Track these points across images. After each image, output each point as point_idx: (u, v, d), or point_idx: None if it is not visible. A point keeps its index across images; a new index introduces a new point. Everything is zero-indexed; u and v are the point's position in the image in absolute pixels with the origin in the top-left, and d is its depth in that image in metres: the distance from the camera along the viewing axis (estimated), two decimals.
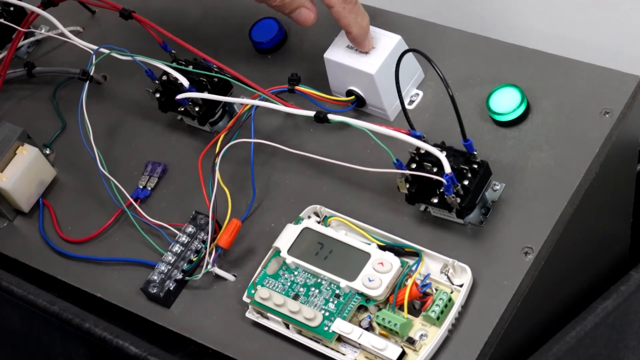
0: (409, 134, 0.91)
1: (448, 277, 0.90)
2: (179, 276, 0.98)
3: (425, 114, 1.01)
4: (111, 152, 1.07)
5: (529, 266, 0.89)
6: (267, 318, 0.93)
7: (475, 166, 0.90)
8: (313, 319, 0.90)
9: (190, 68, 1.03)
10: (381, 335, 0.89)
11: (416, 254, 0.92)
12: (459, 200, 0.90)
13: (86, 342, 1.11)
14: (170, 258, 0.99)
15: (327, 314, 0.90)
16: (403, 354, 0.88)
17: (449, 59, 1.02)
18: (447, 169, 0.88)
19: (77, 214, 1.07)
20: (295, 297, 0.92)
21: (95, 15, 1.20)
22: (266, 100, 1.00)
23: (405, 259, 0.91)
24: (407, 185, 0.92)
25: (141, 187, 1.05)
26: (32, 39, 1.19)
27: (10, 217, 1.08)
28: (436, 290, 0.90)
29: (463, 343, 0.88)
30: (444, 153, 0.89)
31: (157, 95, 1.05)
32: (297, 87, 1.02)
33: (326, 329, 0.90)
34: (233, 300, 0.96)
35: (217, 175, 0.98)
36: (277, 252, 0.94)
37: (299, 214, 0.96)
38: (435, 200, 0.91)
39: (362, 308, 0.91)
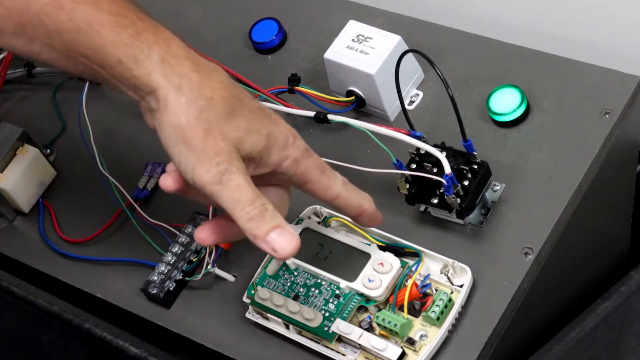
0: (409, 135, 0.91)
1: (448, 278, 0.90)
2: (179, 277, 0.98)
3: (425, 115, 1.01)
4: (111, 152, 1.07)
5: (529, 266, 0.89)
6: (267, 319, 0.93)
7: (475, 166, 0.90)
8: (313, 319, 0.90)
9: None
10: (381, 335, 0.89)
11: (416, 255, 0.92)
12: (459, 200, 0.90)
13: (86, 343, 1.11)
14: (170, 258, 0.99)
15: (327, 314, 0.90)
16: (403, 354, 0.88)
17: (449, 59, 1.02)
18: (447, 169, 0.88)
19: (77, 214, 1.07)
20: (295, 297, 0.92)
21: None
22: (266, 100, 1.01)
23: (405, 260, 0.91)
24: (407, 186, 0.92)
25: (141, 187, 1.05)
26: None
27: (10, 217, 1.08)
28: (436, 290, 0.90)
29: (463, 343, 0.88)
30: (444, 153, 0.89)
31: None
32: (297, 87, 1.02)
33: (326, 329, 0.90)
34: (233, 301, 0.96)
35: None
36: None
37: (299, 215, 0.96)
38: (435, 201, 0.91)
39: (362, 308, 0.91)
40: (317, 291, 0.92)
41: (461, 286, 0.89)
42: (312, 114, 0.99)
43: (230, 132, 0.79)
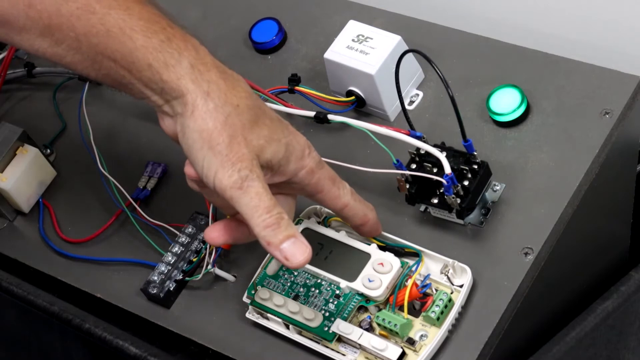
0: (409, 135, 0.91)
1: (448, 278, 0.90)
2: (179, 277, 0.98)
3: (425, 115, 1.01)
4: (111, 152, 1.07)
5: (529, 267, 0.89)
6: (267, 318, 0.93)
7: (475, 167, 0.90)
8: (313, 319, 0.90)
9: None
10: (381, 335, 0.89)
11: (416, 255, 0.92)
12: (459, 200, 0.90)
13: (86, 343, 1.11)
14: (170, 258, 0.99)
15: (327, 314, 0.90)
16: (403, 354, 0.88)
17: (449, 59, 1.02)
18: (447, 169, 0.88)
19: (77, 214, 1.07)
20: (295, 297, 0.92)
21: None
22: (266, 100, 1.00)
23: (405, 260, 0.91)
24: (407, 186, 0.92)
25: (141, 187, 1.04)
26: None
27: (10, 217, 1.08)
28: (436, 290, 0.90)
29: (463, 343, 0.88)
30: (444, 153, 0.89)
31: None
32: (297, 87, 1.02)
33: (326, 329, 0.90)
34: (233, 301, 0.96)
35: None
36: None
37: (299, 215, 0.96)
38: (435, 201, 0.91)
39: (362, 308, 0.91)
40: (317, 291, 0.92)
41: (461, 286, 0.89)
42: (312, 114, 0.99)
43: (253, 140, 0.82)
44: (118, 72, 0.82)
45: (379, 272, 0.90)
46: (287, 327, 0.92)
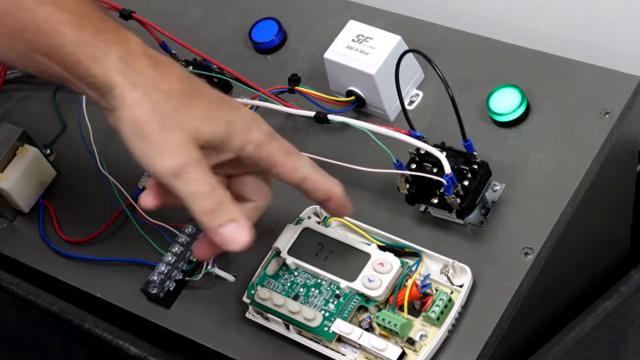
0: (409, 135, 0.91)
1: (448, 278, 0.90)
2: (179, 276, 0.98)
3: (425, 115, 1.01)
4: (111, 152, 1.07)
5: (529, 267, 0.89)
6: (267, 319, 0.93)
7: (475, 167, 0.91)
8: (313, 319, 0.90)
9: (190, 68, 1.03)
10: (381, 335, 0.89)
11: (416, 255, 0.92)
12: (459, 200, 0.90)
13: (86, 343, 1.11)
14: (170, 258, 0.98)
15: (327, 314, 0.90)
16: (403, 354, 0.88)
17: (449, 60, 1.02)
18: (447, 169, 0.88)
19: (77, 214, 1.07)
20: (295, 297, 0.92)
21: None
22: (266, 100, 1.01)
23: (405, 260, 0.91)
24: (407, 186, 0.92)
25: (141, 187, 1.04)
26: None
27: (10, 217, 1.08)
28: (436, 290, 0.90)
29: (463, 343, 0.88)
30: (444, 153, 0.89)
31: None
32: (297, 87, 1.02)
33: (326, 329, 0.90)
34: (233, 301, 0.96)
35: None
36: (277, 252, 0.94)
37: (299, 214, 0.96)
38: (435, 201, 0.91)
39: (362, 308, 0.91)
40: (317, 291, 0.92)
41: (461, 286, 0.89)
42: (312, 114, 0.99)
43: (187, 122, 0.80)
44: (53, 69, 0.81)
45: (379, 272, 0.90)
46: (287, 327, 0.92)
